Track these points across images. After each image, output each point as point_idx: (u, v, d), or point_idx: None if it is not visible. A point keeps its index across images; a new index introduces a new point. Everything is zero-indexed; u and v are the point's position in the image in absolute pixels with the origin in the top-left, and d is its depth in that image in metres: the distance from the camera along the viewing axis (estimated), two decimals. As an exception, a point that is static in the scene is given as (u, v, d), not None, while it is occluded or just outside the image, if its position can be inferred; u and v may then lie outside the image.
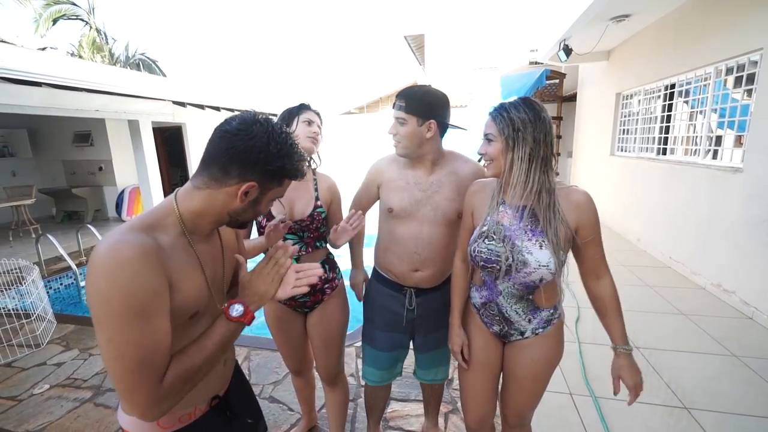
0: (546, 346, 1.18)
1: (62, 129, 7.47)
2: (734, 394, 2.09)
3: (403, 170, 1.41)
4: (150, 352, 0.66)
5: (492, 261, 1.10)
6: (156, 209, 0.77)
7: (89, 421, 2.06)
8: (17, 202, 6.28)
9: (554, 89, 8.35)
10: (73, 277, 4.38)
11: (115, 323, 0.63)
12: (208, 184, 0.76)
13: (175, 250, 0.75)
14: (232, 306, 0.77)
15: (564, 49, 5.19)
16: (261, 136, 0.75)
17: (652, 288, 3.53)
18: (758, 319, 2.85)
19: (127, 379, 0.65)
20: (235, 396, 0.97)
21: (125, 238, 0.67)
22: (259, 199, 0.80)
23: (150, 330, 0.66)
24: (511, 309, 1.16)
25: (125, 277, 0.63)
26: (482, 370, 1.27)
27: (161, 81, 8.72)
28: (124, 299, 0.63)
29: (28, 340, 2.86)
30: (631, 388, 1.12)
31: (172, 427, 0.82)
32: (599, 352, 2.50)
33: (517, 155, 1.03)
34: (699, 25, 3.70)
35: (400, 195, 1.38)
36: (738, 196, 3.13)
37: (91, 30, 13.24)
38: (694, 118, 4.05)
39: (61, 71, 4.89)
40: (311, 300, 1.54)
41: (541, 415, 1.95)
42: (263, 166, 0.76)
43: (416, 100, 1.28)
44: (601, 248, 1.13)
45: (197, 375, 0.73)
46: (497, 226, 1.11)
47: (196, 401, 0.86)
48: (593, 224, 1.09)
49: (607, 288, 1.14)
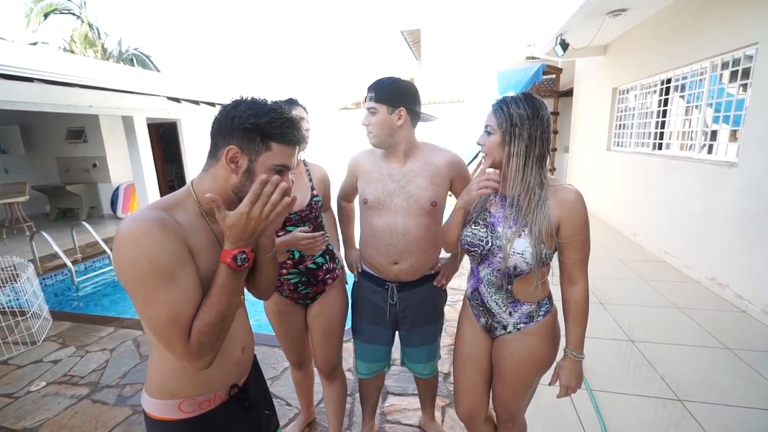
0: (528, 342, 1.18)
1: (55, 125, 7.38)
2: (728, 387, 2.12)
3: (378, 162, 1.44)
4: (177, 312, 0.70)
5: (474, 245, 1.16)
6: (175, 193, 0.83)
7: (87, 418, 2.06)
8: (11, 199, 6.22)
9: (551, 84, 8.35)
10: (68, 274, 4.36)
11: (147, 285, 0.69)
12: (209, 164, 0.83)
13: (194, 227, 0.79)
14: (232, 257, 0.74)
15: (561, 44, 5.19)
16: (234, 103, 0.81)
17: (646, 282, 3.56)
18: (751, 312, 2.88)
19: (165, 335, 0.70)
20: (253, 388, 0.99)
21: (145, 214, 0.73)
22: (251, 168, 0.80)
23: (179, 289, 0.71)
24: (491, 299, 1.19)
25: (149, 244, 0.69)
26: (471, 364, 1.30)
27: (155, 76, 8.61)
28: (151, 262, 0.68)
29: (24, 338, 2.85)
30: (563, 386, 1.18)
31: (192, 412, 0.84)
32: (594, 346, 2.52)
33: (513, 150, 1.05)
34: (695, 20, 3.70)
35: (374, 186, 1.41)
36: (733, 191, 3.15)
37: (83, 24, 13.08)
38: (689, 113, 4.07)
39: (53, 66, 4.82)
40: (313, 291, 1.56)
41: (537, 408, 1.97)
42: (237, 127, 0.78)
43: (385, 89, 1.32)
44: (582, 254, 1.10)
45: (221, 327, 0.75)
46: (484, 213, 1.17)
47: (216, 388, 0.87)
48: (576, 226, 1.07)
49: (577, 295, 1.13)
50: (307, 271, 1.52)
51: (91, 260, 4.82)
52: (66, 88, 4.49)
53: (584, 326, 1.14)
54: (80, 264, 4.66)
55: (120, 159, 7.36)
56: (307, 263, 1.52)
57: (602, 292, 3.34)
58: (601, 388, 2.13)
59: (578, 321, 1.14)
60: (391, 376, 2.27)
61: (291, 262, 1.50)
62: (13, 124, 7.41)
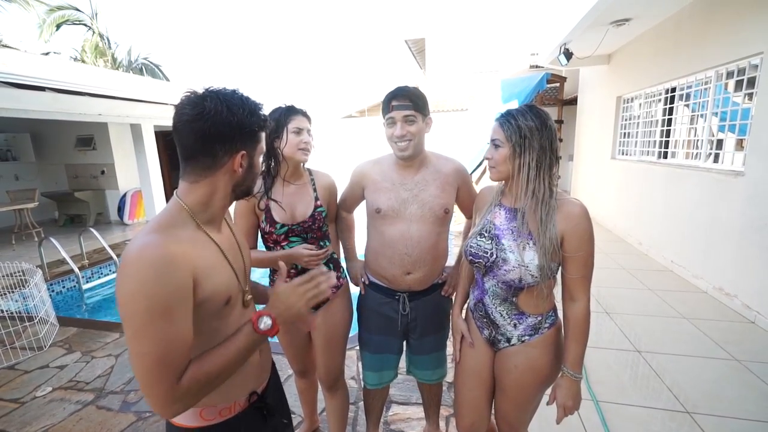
0: (531, 354, 1.16)
1: (65, 133, 7.52)
2: (736, 399, 2.08)
3: (387, 172, 1.44)
4: (170, 351, 0.68)
5: (479, 256, 1.16)
6: (165, 211, 0.79)
7: (91, 424, 2.07)
8: (20, 205, 6.31)
9: (555, 93, 8.38)
10: (75, 280, 4.40)
11: (139, 320, 0.66)
12: (204, 174, 0.79)
13: (197, 243, 0.78)
14: (260, 318, 0.79)
15: (564, 53, 5.22)
16: (220, 108, 0.75)
17: (653, 291, 3.53)
18: (760, 323, 2.84)
19: (147, 375, 0.67)
20: (271, 395, 0.99)
21: (148, 239, 0.71)
22: (252, 162, 0.84)
23: (171, 329, 0.68)
24: (495, 310, 1.19)
25: (149, 277, 0.67)
26: (473, 377, 1.28)
27: (163, 85, 8.76)
28: (148, 297, 0.66)
29: (31, 343, 2.87)
30: (560, 405, 1.14)
31: (213, 419, 0.85)
32: (601, 357, 2.50)
33: (524, 161, 1.06)
34: (699, 29, 3.71)
35: (387, 195, 1.41)
36: (739, 200, 3.13)
37: (94, 35, 13.34)
38: (695, 122, 4.06)
39: (64, 76, 4.92)
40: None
41: (542, 420, 1.95)
42: (241, 132, 0.78)
43: (419, 97, 1.34)
44: (585, 270, 1.09)
45: (216, 380, 0.75)
46: (489, 225, 1.17)
47: (236, 395, 0.88)
48: (580, 240, 1.06)
49: (577, 312, 1.11)
50: None
51: (98, 266, 4.87)
52: (76, 96, 4.58)
53: (584, 345, 1.12)
54: (87, 270, 4.70)
55: (127, 166, 7.46)
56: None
57: (608, 301, 3.31)
58: (607, 399, 2.10)
59: (578, 339, 1.11)
60: (395, 384, 2.26)
61: (294, 272, 1.49)
62: (25, 132, 7.55)
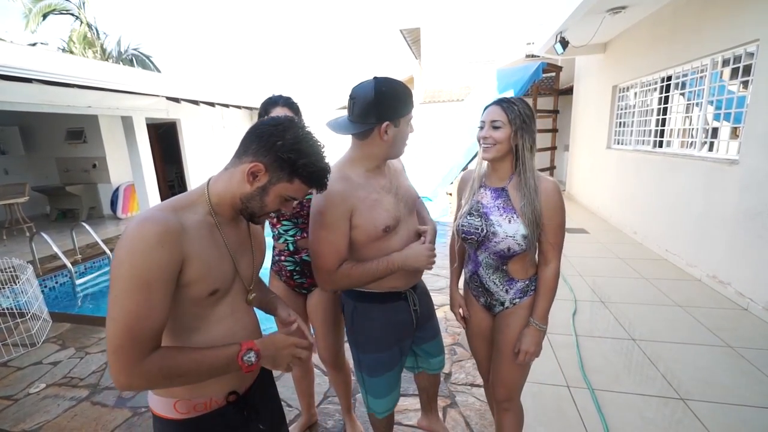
0: (522, 314, 1.31)
1: (55, 126, 7.37)
2: (730, 385, 2.11)
3: (366, 181, 1.24)
4: (138, 324, 0.70)
5: (471, 233, 1.30)
6: (192, 191, 0.86)
7: (86, 420, 2.06)
8: (10, 200, 6.22)
9: (551, 82, 8.32)
10: (68, 275, 4.35)
11: (120, 286, 0.70)
12: (233, 163, 0.84)
13: (201, 228, 0.81)
14: (248, 351, 0.81)
15: (560, 42, 5.16)
16: (286, 126, 0.81)
17: (647, 280, 3.55)
18: (753, 310, 2.87)
19: (113, 339, 0.69)
20: (257, 398, 0.97)
21: (153, 215, 0.75)
22: (267, 188, 0.82)
23: (145, 304, 0.70)
24: (489, 279, 1.33)
25: (139, 249, 0.70)
26: (480, 340, 1.46)
27: (155, 76, 8.60)
28: (132, 267, 0.70)
29: (24, 339, 2.84)
30: (522, 351, 1.28)
31: (187, 413, 0.85)
32: (596, 345, 2.52)
33: (523, 143, 1.21)
34: (695, 17, 3.68)
35: (385, 207, 1.24)
36: (734, 188, 3.14)
37: (81, 25, 13.05)
38: (690, 111, 4.05)
39: (52, 67, 4.81)
40: (308, 282, 1.56)
41: (538, 407, 1.97)
42: (275, 152, 0.79)
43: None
44: (556, 238, 1.25)
45: (178, 378, 0.76)
46: (477, 205, 1.31)
47: (211, 393, 0.87)
48: (553, 211, 1.22)
49: (548, 273, 1.28)
50: (302, 262, 1.53)
51: (91, 261, 4.81)
52: (64, 88, 4.49)
53: (550, 300, 1.29)
54: (80, 265, 4.65)
55: (120, 159, 7.35)
56: (302, 254, 1.52)
57: (603, 290, 3.33)
58: (602, 387, 2.12)
59: (545, 295, 1.28)
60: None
61: (287, 253, 1.53)
62: (13, 125, 7.41)
